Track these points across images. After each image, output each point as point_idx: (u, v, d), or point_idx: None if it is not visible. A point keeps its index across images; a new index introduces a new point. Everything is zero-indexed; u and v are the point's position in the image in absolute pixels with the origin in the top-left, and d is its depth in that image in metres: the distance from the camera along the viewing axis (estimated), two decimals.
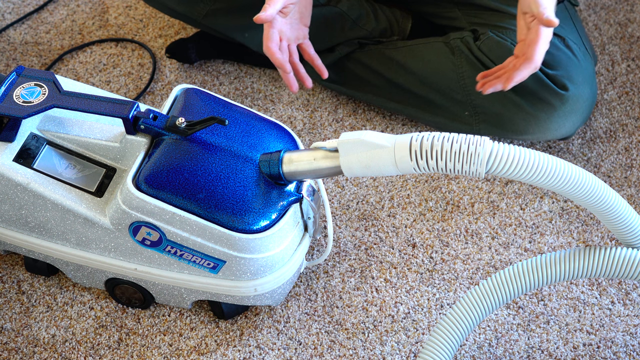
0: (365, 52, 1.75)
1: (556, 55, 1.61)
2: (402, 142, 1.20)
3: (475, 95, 1.62)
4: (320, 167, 1.31)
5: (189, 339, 1.48)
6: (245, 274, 1.38)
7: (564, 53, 1.62)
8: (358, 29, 1.74)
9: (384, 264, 1.57)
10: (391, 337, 1.48)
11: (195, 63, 1.89)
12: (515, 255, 1.57)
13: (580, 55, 1.63)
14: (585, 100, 1.62)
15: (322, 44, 1.74)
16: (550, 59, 1.60)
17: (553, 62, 1.60)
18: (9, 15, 2.02)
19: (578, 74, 1.61)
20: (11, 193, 1.38)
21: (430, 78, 1.68)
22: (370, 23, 1.74)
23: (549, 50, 1.57)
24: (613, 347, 1.46)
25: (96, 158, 1.42)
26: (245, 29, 1.75)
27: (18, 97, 1.38)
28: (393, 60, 1.72)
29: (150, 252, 1.39)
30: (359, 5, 1.75)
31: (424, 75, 1.68)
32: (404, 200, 1.66)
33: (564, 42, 1.63)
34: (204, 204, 1.32)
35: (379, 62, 1.73)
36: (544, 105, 1.60)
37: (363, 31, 1.74)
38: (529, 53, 1.41)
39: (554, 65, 1.60)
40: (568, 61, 1.61)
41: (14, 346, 1.48)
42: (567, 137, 1.66)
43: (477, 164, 1.16)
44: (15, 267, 1.57)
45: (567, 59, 1.61)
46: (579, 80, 1.61)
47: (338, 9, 1.73)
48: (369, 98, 1.76)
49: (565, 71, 1.60)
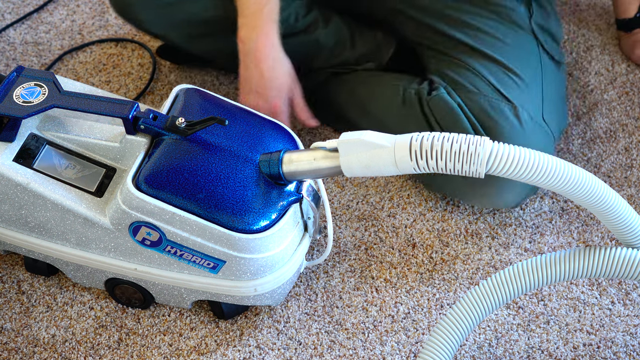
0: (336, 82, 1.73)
1: (500, 124, 1.53)
2: (402, 142, 1.20)
3: None
4: (320, 167, 1.31)
5: (189, 339, 1.48)
6: (245, 274, 1.38)
7: (509, 123, 1.53)
8: (334, 57, 1.72)
9: (384, 264, 1.57)
10: (391, 337, 1.48)
11: (184, 65, 1.89)
12: (515, 255, 1.58)
13: (530, 127, 1.54)
14: None
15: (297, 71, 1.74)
16: (492, 126, 1.53)
17: (495, 130, 1.53)
18: (9, 15, 2.02)
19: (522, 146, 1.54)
20: (11, 193, 1.38)
21: (382, 121, 1.64)
22: (345, 52, 1.72)
23: (492, 117, 1.53)
24: (613, 347, 1.46)
25: (96, 158, 1.42)
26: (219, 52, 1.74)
27: (18, 97, 1.38)
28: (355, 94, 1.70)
29: (150, 252, 1.39)
30: (337, 32, 1.72)
31: (377, 117, 1.66)
32: (404, 200, 1.66)
33: (514, 110, 1.55)
34: (204, 204, 1.32)
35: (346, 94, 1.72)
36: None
37: (338, 59, 1.72)
38: None
39: (494, 133, 1.52)
40: (511, 131, 1.53)
41: (14, 346, 1.48)
42: (516, 206, 1.60)
43: (477, 163, 1.16)
44: (15, 267, 1.57)
45: (511, 129, 1.53)
46: None
47: (314, 36, 1.70)
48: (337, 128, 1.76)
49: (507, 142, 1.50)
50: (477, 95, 1.56)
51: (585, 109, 1.79)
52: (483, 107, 1.55)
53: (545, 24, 1.66)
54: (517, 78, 1.58)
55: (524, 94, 1.57)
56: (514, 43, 1.62)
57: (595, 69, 1.87)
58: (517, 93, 1.57)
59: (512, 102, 1.55)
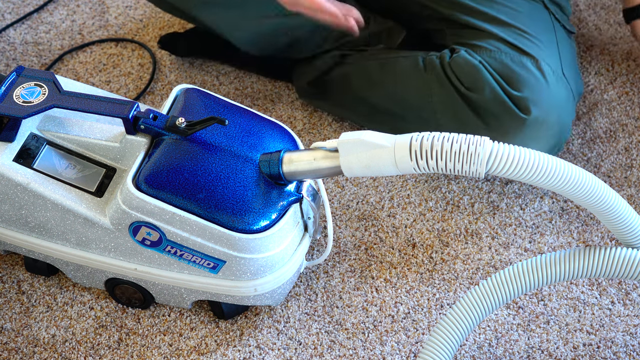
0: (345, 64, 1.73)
1: (523, 75, 1.55)
2: (402, 142, 1.20)
3: (441, 114, 1.60)
4: (320, 167, 1.31)
5: (189, 339, 1.48)
6: (245, 274, 1.38)
7: (532, 74, 1.55)
8: (346, 35, 1.71)
9: (384, 264, 1.57)
10: (391, 337, 1.48)
11: (183, 58, 1.89)
12: (515, 255, 1.57)
13: (553, 79, 1.56)
14: (549, 128, 1.55)
15: (309, 50, 1.73)
16: (515, 79, 1.54)
17: (518, 82, 1.54)
18: (9, 15, 2.02)
19: (545, 99, 1.54)
20: (11, 193, 1.38)
21: (398, 93, 1.65)
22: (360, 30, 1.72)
23: (515, 69, 1.55)
24: (613, 347, 1.46)
25: (96, 158, 1.42)
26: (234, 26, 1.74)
27: (18, 97, 1.38)
28: (367, 70, 1.69)
29: (150, 252, 1.39)
30: None
31: (392, 90, 1.66)
32: (404, 200, 1.66)
33: (536, 63, 1.56)
34: (204, 204, 1.32)
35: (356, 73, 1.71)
36: (504, 128, 1.54)
37: (350, 37, 1.71)
38: None
39: (518, 86, 1.54)
40: (535, 83, 1.54)
41: (14, 346, 1.48)
42: None
43: (477, 163, 1.16)
44: (15, 267, 1.57)
45: (535, 81, 1.54)
46: (545, 105, 1.53)
47: None
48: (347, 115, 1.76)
49: (531, 93, 1.53)
50: (498, 53, 1.58)
51: (585, 109, 1.79)
52: (505, 62, 1.56)
53: None
54: (533, 38, 1.60)
55: (543, 51, 1.59)
56: (527, 12, 1.65)
57: (595, 69, 1.87)
58: (537, 49, 1.58)
59: (533, 55, 1.57)
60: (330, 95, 1.75)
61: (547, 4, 1.68)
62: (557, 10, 1.69)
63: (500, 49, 1.59)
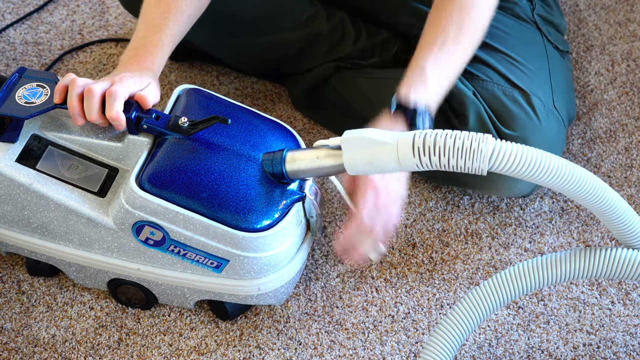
0: (340, 78, 1.72)
1: (514, 112, 1.54)
2: (405, 139, 1.20)
3: None
4: (323, 165, 1.30)
5: (189, 339, 1.48)
6: (249, 273, 1.38)
7: (523, 110, 1.54)
8: (336, 51, 1.71)
9: (384, 264, 1.57)
10: (391, 337, 1.48)
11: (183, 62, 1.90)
12: (515, 256, 1.58)
13: (543, 114, 1.55)
14: None
15: (299, 66, 1.73)
16: (506, 116, 1.53)
17: (509, 120, 1.53)
18: (9, 15, 2.02)
19: (535, 137, 1.53)
20: (14, 194, 1.38)
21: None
22: (348, 46, 1.71)
23: (507, 105, 1.54)
24: (613, 347, 1.47)
25: (98, 158, 1.42)
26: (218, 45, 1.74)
27: (20, 98, 1.38)
28: (361, 89, 1.68)
29: (154, 252, 1.39)
30: (341, 28, 1.71)
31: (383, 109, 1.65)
32: (404, 200, 1.66)
33: (527, 98, 1.55)
34: (207, 203, 1.32)
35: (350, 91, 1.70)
36: None
37: (340, 53, 1.71)
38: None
39: (509, 124, 1.53)
40: (526, 121, 1.53)
41: (14, 346, 1.48)
42: (526, 196, 1.60)
43: (480, 160, 1.15)
44: (15, 267, 1.57)
45: (526, 118, 1.53)
46: (535, 143, 1.50)
47: (317, 30, 1.70)
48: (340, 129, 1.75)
49: (522, 132, 1.52)
50: (490, 84, 1.57)
51: (585, 109, 1.80)
52: (497, 95, 1.55)
53: (548, 16, 1.67)
54: (524, 67, 1.59)
55: (534, 82, 1.58)
56: (518, 35, 1.63)
57: (595, 69, 1.87)
58: (528, 82, 1.57)
59: (523, 89, 1.56)
60: (324, 109, 1.74)
61: (540, 25, 1.66)
62: (551, 30, 1.67)
63: (492, 79, 1.57)
